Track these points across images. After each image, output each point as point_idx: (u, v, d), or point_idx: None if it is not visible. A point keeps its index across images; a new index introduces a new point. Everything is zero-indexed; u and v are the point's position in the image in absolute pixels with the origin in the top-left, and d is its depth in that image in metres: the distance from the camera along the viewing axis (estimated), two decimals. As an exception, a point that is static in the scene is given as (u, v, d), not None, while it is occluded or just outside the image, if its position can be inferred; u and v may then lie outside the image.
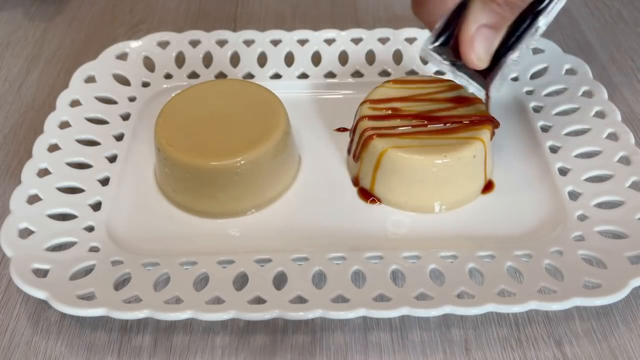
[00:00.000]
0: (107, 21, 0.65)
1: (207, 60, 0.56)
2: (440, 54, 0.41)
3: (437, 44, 0.40)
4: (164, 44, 0.56)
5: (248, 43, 0.56)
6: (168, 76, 0.55)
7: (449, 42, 0.40)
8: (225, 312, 0.36)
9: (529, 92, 0.53)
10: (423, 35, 0.56)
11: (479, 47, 0.37)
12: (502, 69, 0.39)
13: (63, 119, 0.49)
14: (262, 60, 0.55)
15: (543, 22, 0.38)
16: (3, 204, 0.46)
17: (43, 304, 0.39)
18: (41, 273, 0.39)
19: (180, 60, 0.56)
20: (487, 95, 0.42)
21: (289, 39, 0.56)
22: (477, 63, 0.38)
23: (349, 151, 0.48)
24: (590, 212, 0.43)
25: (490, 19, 0.36)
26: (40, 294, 0.37)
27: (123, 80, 0.54)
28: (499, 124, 0.44)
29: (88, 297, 0.37)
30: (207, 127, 0.44)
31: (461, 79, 0.41)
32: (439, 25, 0.39)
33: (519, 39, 0.38)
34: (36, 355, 0.38)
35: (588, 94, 0.50)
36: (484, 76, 0.40)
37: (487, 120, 0.44)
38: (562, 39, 0.61)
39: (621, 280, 0.37)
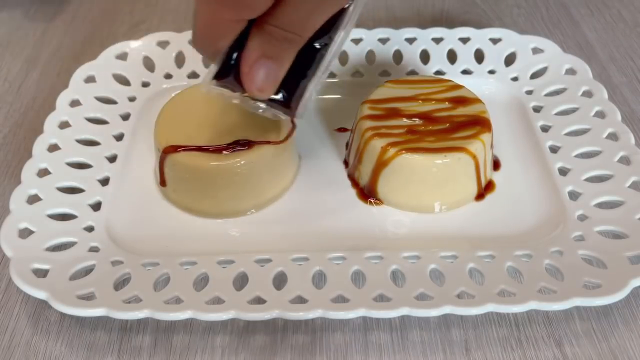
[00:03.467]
0: (107, 21, 0.65)
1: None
2: (229, 88, 0.38)
3: (211, 76, 0.38)
4: (163, 44, 0.56)
5: (248, 43, 0.56)
6: (168, 76, 0.55)
7: (233, 74, 0.37)
8: (225, 312, 0.36)
9: (529, 92, 0.53)
10: (423, 35, 0.56)
11: (258, 78, 0.35)
12: (304, 95, 0.38)
13: (63, 119, 0.49)
14: (262, 60, 0.55)
15: (335, 47, 0.38)
16: (3, 204, 0.46)
17: (43, 304, 0.39)
18: (41, 273, 0.39)
19: (180, 60, 0.56)
20: (292, 122, 0.42)
21: (289, 39, 0.56)
22: (258, 94, 0.36)
23: (347, 152, 0.48)
24: (590, 212, 0.42)
25: (269, 49, 0.35)
26: (40, 294, 0.37)
27: (123, 80, 0.54)
28: None
29: (88, 297, 0.37)
30: (207, 127, 0.44)
31: (259, 109, 0.39)
32: (219, 58, 0.37)
33: (317, 65, 0.38)
34: (36, 355, 0.38)
35: (588, 94, 0.50)
36: (286, 104, 0.38)
37: (487, 121, 0.44)
38: (562, 39, 0.61)
39: (621, 280, 0.37)
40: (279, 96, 0.38)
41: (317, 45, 0.37)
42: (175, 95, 0.48)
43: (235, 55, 0.36)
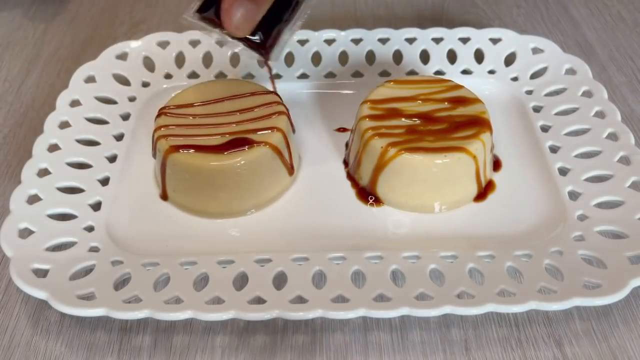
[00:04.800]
0: (107, 21, 0.65)
1: (207, 60, 0.56)
2: (209, 23, 0.41)
3: (194, 9, 0.40)
4: (164, 44, 0.56)
5: (248, 43, 0.56)
6: (168, 76, 0.55)
7: (214, 11, 0.40)
8: (225, 312, 0.36)
9: (529, 92, 0.53)
10: (423, 35, 0.56)
11: (236, 16, 0.38)
12: (279, 40, 0.42)
13: (63, 119, 0.49)
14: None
15: None
16: (3, 204, 0.46)
17: (43, 304, 0.39)
18: (41, 273, 0.39)
19: (180, 60, 0.56)
20: (266, 64, 0.44)
21: (289, 39, 0.56)
22: (234, 31, 0.39)
23: (347, 152, 0.48)
24: (590, 212, 0.42)
25: None
26: (40, 294, 0.37)
27: (123, 80, 0.54)
28: None
29: (88, 297, 0.37)
30: (207, 127, 0.44)
31: (237, 46, 0.42)
32: None
33: (293, 11, 0.41)
34: (36, 355, 0.38)
35: (588, 94, 0.50)
36: (261, 45, 0.41)
37: (487, 121, 0.44)
38: (562, 39, 0.61)
39: (621, 280, 0.37)
40: (256, 37, 0.41)
41: None
42: (175, 95, 0.48)
43: None
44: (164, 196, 0.45)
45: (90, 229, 0.42)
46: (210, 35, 0.41)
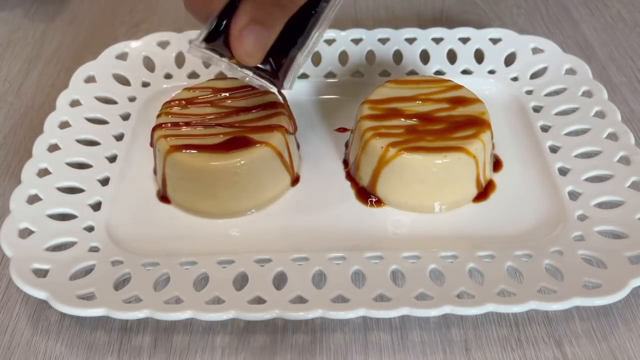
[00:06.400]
0: (107, 21, 0.65)
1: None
2: (217, 52, 0.38)
3: (201, 39, 0.38)
4: (164, 44, 0.56)
5: (248, 43, 0.56)
6: (168, 76, 0.55)
7: (223, 38, 0.37)
8: (225, 312, 0.36)
9: (529, 92, 0.53)
10: (423, 35, 0.56)
11: (247, 42, 0.35)
12: (292, 66, 0.38)
13: (63, 119, 0.49)
14: (262, 60, 0.55)
15: (328, 19, 0.38)
16: (3, 204, 0.46)
17: (43, 304, 0.39)
18: (41, 273, 0.39)
19: (180, 60, 0.56)
20: (280, 93, 0.41)
21: (289, 39, 0.56)
22: (246, 59, 0.36)
23: (347, 152, 0.48)
24: (590, 212, 0.42)
25: (260, 15, 0.35)
26: (40, 294, 0.37)
27: (123, 80, 0.54)
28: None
29: (88, 297, 0.37)
30: (207, 127, 0.44)
31: (245, 76, 0.39)
32: (210, 21, 0.37)
33: (307, 35, 0.38)
34: (36, 355, 0.38)
35: (588, 94, 0.50)
36: (273, 74, 0.39)
37: (487, 121, 0.44)
38: (562, 39, 0.61)
39: (621, 280, 0.37)
40: (267, 66, 0.38)
41: (306, 15, 0.37)
42: (175, 95, 0.48)
43: (226, 20, 0.36)
44: (164, 196, 0.45)
45: (90, 229, 0.42)
46: (218, 65, 0.38)
